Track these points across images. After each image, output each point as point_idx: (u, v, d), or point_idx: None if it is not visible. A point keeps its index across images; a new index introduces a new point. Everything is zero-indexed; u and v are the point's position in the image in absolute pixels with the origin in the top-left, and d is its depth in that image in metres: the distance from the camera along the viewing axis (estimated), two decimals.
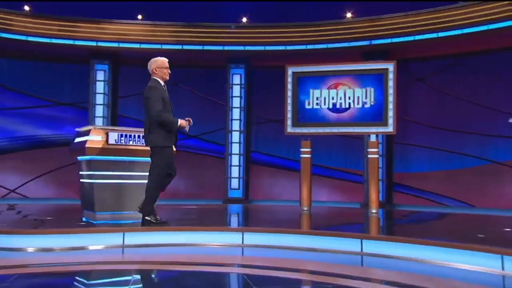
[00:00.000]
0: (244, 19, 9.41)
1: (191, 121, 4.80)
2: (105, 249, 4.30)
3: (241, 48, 9.20)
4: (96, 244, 4.29)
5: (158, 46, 9.02)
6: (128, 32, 9.22)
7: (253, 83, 9.78)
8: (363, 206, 8.80)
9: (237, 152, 9.35)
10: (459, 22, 8.22)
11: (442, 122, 9.22)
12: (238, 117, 9.38)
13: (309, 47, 9.07)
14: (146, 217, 4.72)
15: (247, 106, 9.55)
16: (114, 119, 9.73)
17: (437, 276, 3.52)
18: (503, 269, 3.48)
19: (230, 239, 4.57)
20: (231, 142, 9.36)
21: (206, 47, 9.14)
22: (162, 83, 4.78)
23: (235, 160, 9.34)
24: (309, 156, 6.94)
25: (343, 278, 3.40)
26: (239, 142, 9.36)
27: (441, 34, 8.39)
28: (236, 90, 9.40)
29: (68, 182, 8.93)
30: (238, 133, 9.36)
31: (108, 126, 8.50)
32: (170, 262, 3.99)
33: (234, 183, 9.23)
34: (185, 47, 9.11)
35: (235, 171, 9.31)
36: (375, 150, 6.59)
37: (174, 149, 5.05)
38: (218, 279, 3.64)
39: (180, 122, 4.74)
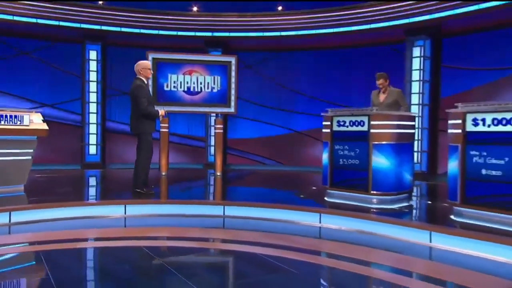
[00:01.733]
0: (100, 2, 9.51)
1: (165, 111, 5.76)
2: None
3: (98, 27, 9.39)
4: None
5: (10, 17, 8.70)
6: None
7: (108, 58, 9.96)
8: (205, 166, 10.29)
9: (95, 122, 9.69)
10: (278, 26, 9.64)
11: (263, 100, 10.64)
12: (95, 90, 9.65)
13: (161, 32, 9.63)
14: (137, 189, 5.54)
15: (103, 80, 9.81)
16: None
17: (283, 233, 4.53)
18: (320, 222, 4.76)
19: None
20: (89, 112, 9.64)
21: (62, 23, 9.07)
22: (146, 81, 5.61)
23: (92, 128, 9.67)
24: (166, 130, 8.16)
25: (205, 241, 4.26)
26: (96, 112, 9.70)
27: (265, 34, 9.72)
28: (93, 65, 9.63)
29: None
30: (95, 104, 9.68)
31: None
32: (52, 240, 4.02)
33: (92, 149, 9.65)
34: (40, 21, 8.91)
35: (92, 139, 9.68)
36: (220, 126, 8.21)
37: None
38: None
39: (160, 112, 5.64)
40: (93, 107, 9.69)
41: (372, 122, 5.18)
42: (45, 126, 5.81)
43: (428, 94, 8.86)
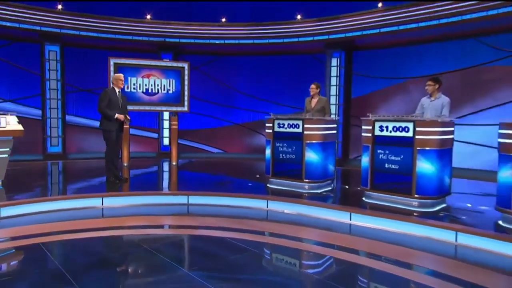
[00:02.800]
0: (60, 6, 8.99)
1: (128, 117, 5.75)
2: None
3: (57, 30, 8.96)
4: None
5: None
6: None
7: (67, 58, 9.52)
8: (158, 155, 10.33)
9: (56, 116, 9.30)
10: (222, 35, 9.87)
11: (207, 97, 10.79)
12: (55, 87, 9.23)
13: (118, 36, 9.42)
14: (108, 179, 5.71)
15: (62, 78, 9.38)
16: None
17: (241, 217, 4.76)
18: (267, 206, 5.12)
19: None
20: (49, 108, 9.23)
21: (22, 25, 8.53)
22: (117, 90, 5.61)
23: (54, 122, 9.29)
24: (127, 126, 8.10)
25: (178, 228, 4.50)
26: (57, 108, 9.30)
27: (211, 41, 9.92)
28: (53, 64, 9.18)
29: None
30: (55, 100, 9.27)
31: None
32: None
33: (54, 141, 9.30)
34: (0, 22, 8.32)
35: (54, 131, 9.31)
36: (176, 122, 8.34)
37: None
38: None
39: (117, 116, 5.62)
40: (54, 103, 9.29)
41: (305, 125, 5.73)
42: (20, 127, 5.62)
43: (342, 95, 9.68)
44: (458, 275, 3.18)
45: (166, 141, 10.31)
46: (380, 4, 8.33)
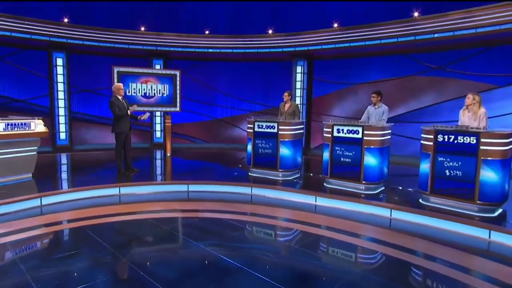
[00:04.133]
0: (66, 20, 8.88)
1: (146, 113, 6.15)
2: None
3: (64, 40, 8.89)
4: None
5: None
6: None
7: (71, 63, 9.42)
8: (151, 145, 10.39)
9: (63, 114, 9.29)
10: (205, 45, 9.95)
11: (192, 95, 10.80)
12: (62, 89, 9.19)
13: (116, 45, 9.37)
14: (119, 170, 5.97)
15: (67, 80, 9.33)
16: None
17: (231, 201, 5.12)
18: (251, 192, 5.52)
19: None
20: (58, 107, 9.20)
21: (33, 37, 8.43)
22: (120, 97, 5.84)
23: (62, 119, 9.29)
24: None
25: (185, 212, 5.09)
26: (64, 107, 9.29)
27: (196, 50, 10.01)
28: (60, 69, 9.10)
29: None
30: (63, 100, 9.24)
31: None
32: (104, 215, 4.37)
33: (62, 135, 9.29)
34: (15, 34, 8.20)
35: (62, 127, 9.31)
36: (169, 121, 8.56)
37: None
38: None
39: (130, 109, 5.94)
40: (61, 102, 9.26)
41: (279, 127, 6.27)
42: (45, 129, 5.84)
43: (305, 96, 10.27)
44: (391, 241, 3.87)
45: (158, 134, 10.53)
46: (335, 25, 8.90)
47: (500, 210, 4.47)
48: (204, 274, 3.07)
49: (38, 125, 5.70)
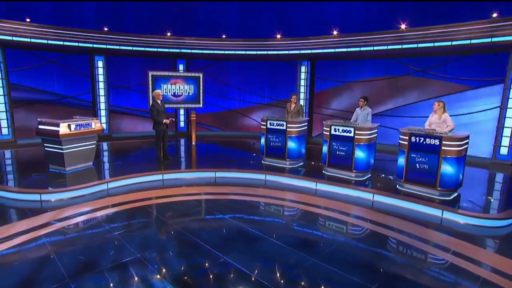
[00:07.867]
0: (106, 28, 9.44)
1: (172, 119, 6.50)
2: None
3: (104, 46, 9.50)
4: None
5: (45, 42, 8.64)
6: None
7: (109, 63, 10.08)
8: (176, 133, 10.97)
9: (104, 108, 10.08)
10: (222, 47, 10.37)
11: (208, 89, 11.19)
12: (102, 86, 9.95)
13: (146, 49, 9.93)
14: (158, 158, 6.55)
15: (107, 78, 10.04)
16: None
17: (250, 185, 5.83)
18: (265, 178, 6.22)
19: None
20: (99, 102, 10.02)
21: (80, 44, 9.09)
22: (159, 101, 6.41)
23: (103, 112, 10.07)
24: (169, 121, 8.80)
25: (215, 194, 5.78)
26: (104, 102, 10.10)
27: (214, 51, 10.44)
28: (100, 70, 9.85)
29: None
30: (103, 96, 10.02)
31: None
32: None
33: (104, 126, 10.14)
34: (66, 43, 8.93)
35: (103, 119, 10.11)
36: (194, 116, 9.30)
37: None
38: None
39: (164, 121, 6.49)
40: (102, 98, 10.03)
41: (288, 125, 7.11)
42: (102, 127, 6.70)
43: (308, 92, 10.99)
44: (372, 218, 4.68)
45: (181, 124, 11.33)
46: (335, 32, 9.52)
47: (455, 194, 5.21)
48: (237, 240, 3.98)
49: (96, 124, 6.56)
